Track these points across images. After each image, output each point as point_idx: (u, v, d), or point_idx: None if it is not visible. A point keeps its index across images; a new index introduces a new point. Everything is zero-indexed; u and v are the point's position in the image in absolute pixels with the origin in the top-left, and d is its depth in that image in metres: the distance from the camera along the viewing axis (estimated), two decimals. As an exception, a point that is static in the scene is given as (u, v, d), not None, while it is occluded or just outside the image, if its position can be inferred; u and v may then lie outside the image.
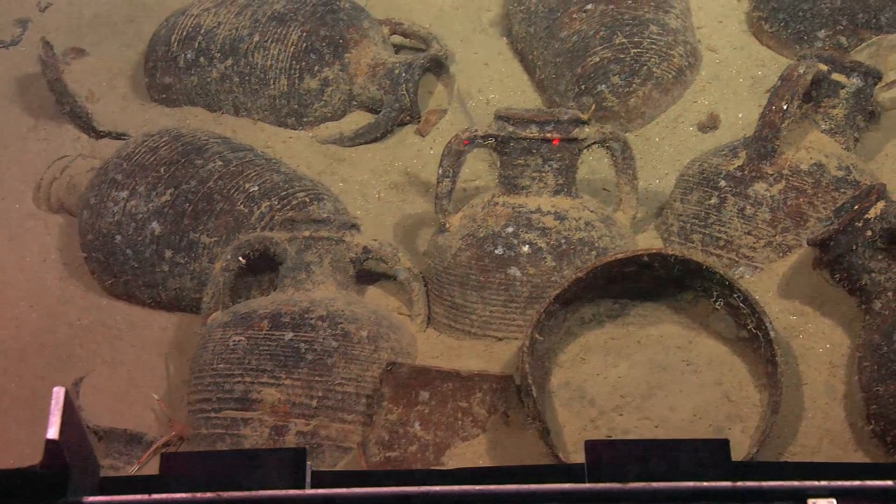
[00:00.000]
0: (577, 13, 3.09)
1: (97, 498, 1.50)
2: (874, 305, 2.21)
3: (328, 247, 2.53)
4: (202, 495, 1.49)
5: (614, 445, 1.55)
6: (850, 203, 2.27)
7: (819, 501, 1.44)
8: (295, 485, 1.52)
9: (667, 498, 1.47)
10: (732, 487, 1.46)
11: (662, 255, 2.26)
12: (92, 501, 1.49)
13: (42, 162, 3.07)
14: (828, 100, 2.58)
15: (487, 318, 2.48)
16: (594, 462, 1.50)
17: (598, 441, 1.52)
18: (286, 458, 1.54)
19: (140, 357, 2.67)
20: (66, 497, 1.47)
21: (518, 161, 2.53)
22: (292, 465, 1.53)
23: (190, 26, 3.21)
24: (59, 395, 1.47)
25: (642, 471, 1.49)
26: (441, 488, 1.49)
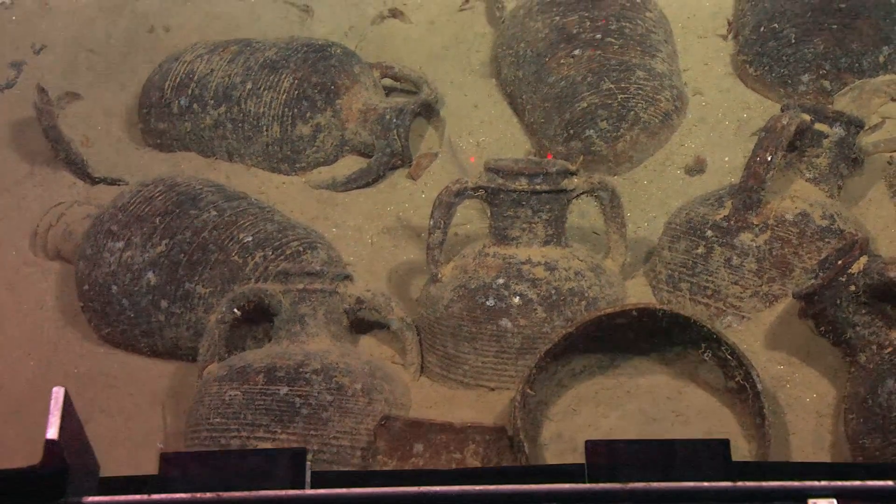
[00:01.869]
0: (564, 58, 3.11)
1: (97, 498, 1.50)
2: (859, 358, 2.24)
3: (322, 298, 2.54)
4: (202, 495, 1.49)
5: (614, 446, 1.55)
6: (834, 257, 2.30)
7: (819, 501, 1.44)
8: (295, 485, 1.52)
9: (667, 498, 1.47)
10: (733, 487, 1.46)
11: (651, 310, 2.28)
12: (92, 501, 1.49)
13: (38, 208, 3.06)
14: (811, 149, 2.60)
15: (480, 368, 2.49)
16: (594, 462, 1.51)
17: (599, 441, 1.52)
18: (286, 459, 1.55)
19: (137, 406, 2.67)
20: (65, 497, 1.47)
21: (508, 212, 2.56)
22: (292, 466, 1.53)
23: (183, 73, 3.22)
24: (58, 395, 1.48)
25: (642, 471, 1.49)
26: (441, 488, 1.50)
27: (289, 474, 1.53)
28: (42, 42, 3.66)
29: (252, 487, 1.50)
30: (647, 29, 3.18)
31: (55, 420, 1.45)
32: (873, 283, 2.19)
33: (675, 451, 1.54)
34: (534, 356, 2.32)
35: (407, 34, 3.59)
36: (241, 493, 1.50)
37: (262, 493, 1.50)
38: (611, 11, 3.18)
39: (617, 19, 3.16)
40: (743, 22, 3.26)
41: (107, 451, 2.55)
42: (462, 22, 3.60)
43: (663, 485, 1.47)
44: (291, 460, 1.55)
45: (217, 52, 3.24)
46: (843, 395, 2.26)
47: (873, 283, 2.19)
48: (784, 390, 2.33)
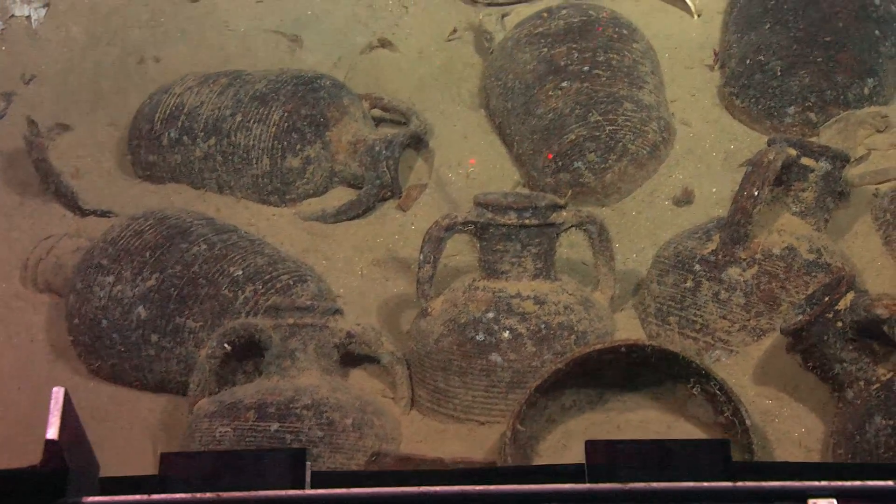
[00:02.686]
0: (552, 90, 3.12)
1: (96, 498, 1.49)
2: (846, 394, 2.25)
3: (312, 333, 2.54)
4: (202, 495, 1.48)
5: (615, 446, 1.55)
6: (821, 293, 2.31)
7: (819, 501, 1.43)
8: (295, 485, 1.51)
9: (667, 498, 1.46)
10: (733, 487, 1.46)
11: (640, 346, 2.29)
12: (91, 502, 1.48)
13: (28, 241, 3.06)
14: (798, 183, 2.62)
15: (470, 402, 2.50)
16: (595, 462, 1.50)
17: (599, 441, 1.51)
18: (286, 459, 1.54)
19: (127, 439, 2.66)
20: (65, 497, 1.46)
21: (497, 246, 2.56)
22: (292, 466, 1.53)
23: (173, 105, 3.23)
24: (58, 395, 1.47)
25: (642, 471, 1.48)
26: (441, 488, 1.49)
27: (289, 474, 1.52)
28: (32, 72, 3.66)
29: (252, 487, 1.50)
30: (634, 60, 3.19)
31: (55, 420, 1.45)
32: (860, 319, 2.20)
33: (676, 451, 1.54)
34: (524, 392, 2.32)
35: (396, 64, 3.60)
36: (241, 493, 1.49)
37: (262, 493, 1.49)
38: (598, 44, 3.19)
39: (604, 51, 3.17)
40: (729, 54, 3.29)
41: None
42: (451, 52, 3.62)
43: (663, 485, 1.46)
44: (291, 460, 1.54)
45: (207, 85, 3.25)
46: (832, 431, 2.27)
47: (860, 320, 2.20)
48: (773, 425, 2.34)
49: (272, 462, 1.55)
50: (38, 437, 2.64)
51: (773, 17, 3.20)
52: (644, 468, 1.50)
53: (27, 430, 2.68)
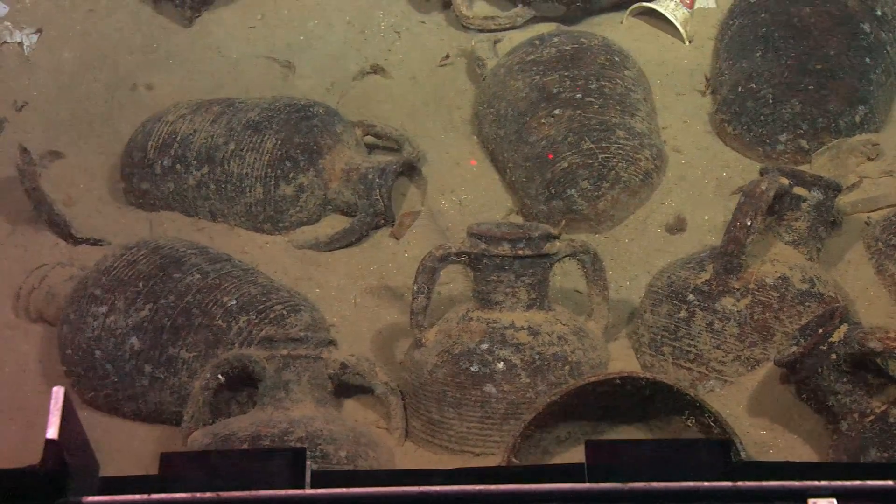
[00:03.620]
0: (545, 118, 3.13)
1: (97, 498, 1.48)
2: (841, 426, 2.25)
3: (306, 364, 2.54)
4: (202, 495, 1.47)
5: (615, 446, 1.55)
6: (815, 325, 2.31)
7: (820, 501, 1.43)
8: (295, 484, 1.50)
9: (667, 498, 1.46)
10: (733, 487, 1.45)
11: (634, 377, 2.30)
12: (91, 501, 1.47)
13: (20, 270, 3.04)
14: (790, 213, 2.63)
15: (464, 433, 2.50)
16: (595, 462, 1.49)
17: (599, 441, 1.51)
18: (286, 458, 1.53)
19: (121, 469, 2.63)
20: (65, 497, 1.45)
21: (491, 277, 2.57)
22: (292, 465, 1.52)
23: (166, 133, 3.22)
24: (58, 394, 1.46)
25: (643, 471, 1.48)
26: (441, 488, 1.48)
27: (289, 474, 1.51)
28: (23, 99, 3.65)
29: (252, 487, 1.49)
30: (626, 88, 3.20)
31: (55, 420, 1.44)
32: (854, 352, 2.21)
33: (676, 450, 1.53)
34: (518, 424, 2.33)
35: (388, 90, 3.60)
36: (240, 493, 1.48)
37: (262, 492, 1.48)
38: (590, 71, 3.20)
39: (597, 78, 3.18)
40: (721, 81, 3.30)
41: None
42: (443, 78, 3.62)
43: (663, 485, 1.46)
44: (291, 460, 1.53)
45: (200, 113, 3.25)
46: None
47: (854, 353, 2.21)
48: (767, 456, 2.34)
49: (272, 461, 1.54)
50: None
51: (765, 44, 3.22)
52: (644, 468, 1.49)
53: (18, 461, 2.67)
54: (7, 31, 3.81)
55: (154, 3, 3.90)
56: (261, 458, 1.56)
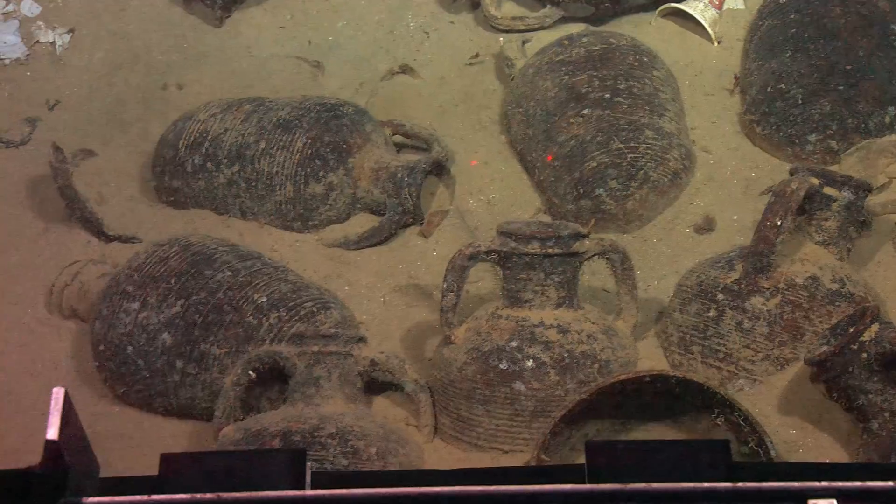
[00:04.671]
0: (574, 118, 3.14)
1: (97, 499, 1.48)
2: (871, 425, 2.25)
3: (336, 361, 2.55)
4: (202, 496, 1.47)
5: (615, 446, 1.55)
6: (845, 324, 2.31)
7: (819, 502, 1.42)
8: (295, 485, 1.50)
9: (667, 498, 1.45)
10: (733, 488, 1.45)
11: (664, 376, 2.30)
12: (92, 502, 1.47)
13: (53, 267, 3.07)
14: (820, 213, 2.62)
15: (493, 431, 2.51)
16: (595, 463, 1.49)
17: (599, 441, 1.52)
18: (286, 459, 1.53)
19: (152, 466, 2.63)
20: (65, 497, 1.45)
21: (521, 275, 2.57)
22: (293, 466, 1.52)
23: (197, 132, 3.25)
24: (58, 395, 1.46)
25: (642, 471, 1.47)
26: (441, 489, 1.48)
27: (289, 475, 1.51)
28: (56, 98, 3.68)
29: (252, 488, 1.49)
30: (655, 88, 3.21)
31: (55, 421, 1.44)
32: (885, 352, 2.21)
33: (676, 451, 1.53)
34: (548, 422, 2.33)
35: (417, 90, 3.61)
36: (241, 494, 1.48)
37: (263, 493, 1.48)
38: (619, 71, 3.21)
39: (625, 79, 3.19)
40: (750, 81, 3.29)
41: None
42: (471, 77, 3.63)
43: (663, 485, 1.45)
44: (292, 461, 1.53)
45: (231, 112, 3.27)
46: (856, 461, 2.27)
47: (885, 352, 2.21)
48: (797, 455, 2.34)
49: (272, 463, 1.54)
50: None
51: (794, 45, 3.21)
52: (644, 469, 1.49)
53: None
54: (40, 30, 3.84)
55: (185, 4, 3.92)
56: (261, 459, 1.57)
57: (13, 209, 3.32)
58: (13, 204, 3.34)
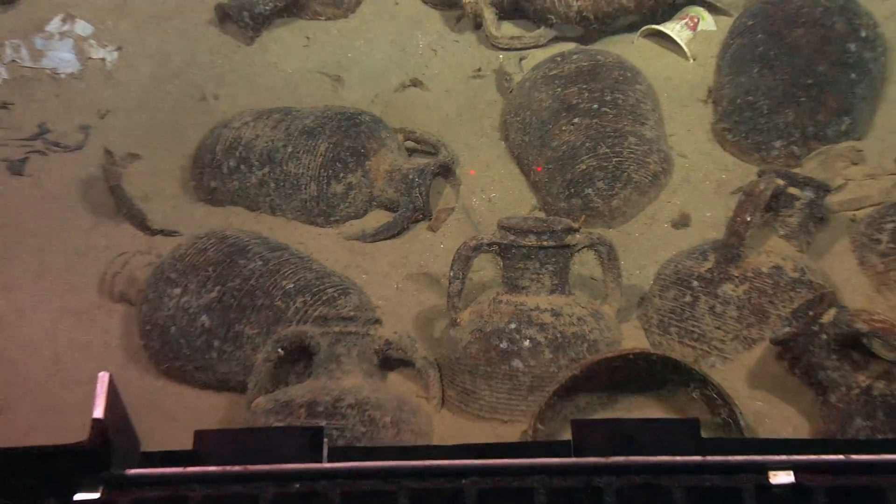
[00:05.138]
0: (566, 126, 3.13)
1: (138, 471, 1.49)
2: (829, 398, 2.25)
3: (355, 340, 2.55)
4: (231, 468, 1.48)
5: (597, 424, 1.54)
6: (806, 308, 2.31)
7: (778, 473, 1.43)
8: (313, 459, 1.50)
9: (644, 471, 1.45)
10: (702, 461, 1.45)
11: (646, 354, 2.30)
12: (134, 474, 1.48)
13: (105, 257, 3.07)
14: (784, 210, 2.63)
15: (494, 403, 2.51)
16: (579, 439, 1.49)
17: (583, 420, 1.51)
18: (306, 435, 1.53)
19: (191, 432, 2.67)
20: (110, 470, 1.46)
21: (519, 265, 2.57)
22: (311, 441, 1.52)
23: (232, 138, 3.25)
24: (104, 379, 1.48)
25: (622, 446, 1.47)
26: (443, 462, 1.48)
27: (308, 449, 1.51)
28: (106, 108, 3.68)
29: (275, 461, 1.50)
30: (637, 100, 3.20)
31: (101, 401, 1.45)
32: (842, 332, 2.20)
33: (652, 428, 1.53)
34: (543, 395, 2.33)
35: (426, 101, 3.61)
36: (265, 466, 1.49)
37: (285, 465, 1.49)
38: (605, 84, 3.20)
39: (611, 91, 3.18)
40: (721, 94, 3.29)
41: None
42: (474, 90, 3.63)
43: (641, 459, 1.46)
44: (311, 436, 1.53)
45: (262, 120, 3.27)
46: (816, 431, 2.27)
47: (842, 333, 2.20)
48: (763, 425, 2.33)
49: (293, 438, 1.54)
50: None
51: (761, 61, 3.21)
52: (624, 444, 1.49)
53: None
54: (92, 48, 3.85)
55: (220, 25, 3.93)
56: (283, 435, 1.56)
57: (69, 206, 3.32)
58: (69, 201, 3.34)
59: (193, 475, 1.49)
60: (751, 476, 1.44)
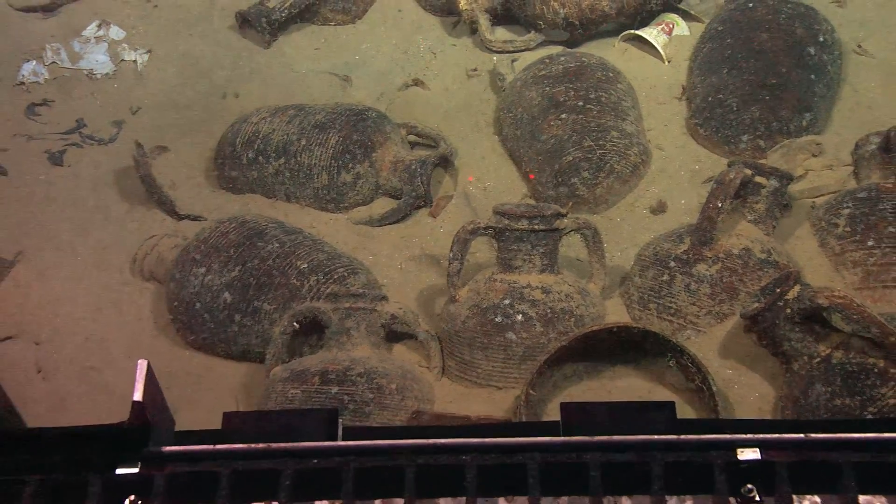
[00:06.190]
0: (554, 121, 3.09)
1: (173, 448, 1.49)
2: (793, 366, 2.22)
3: (364, 315, 2.53)
4: (256, 446, 1.48)
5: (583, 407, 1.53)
6: (773, 285, 2.28)
7: (745, 451, 1.42)
8: (329, 438, 1.50)
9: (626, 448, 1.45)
10: (677, 440, 1.44)
11: (627, 327, 2.27)
12: (169, 451, 1.48)
13: (136, 240, 3.04)
14: (752, 197, 2.59)
15: (490, 371, 2.48)
16: (568, 420, 1.49)
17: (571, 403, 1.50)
18: (323, 416, 1.52)
19: (216, 399, 2.65)
20: (148, 447, 1.46)
21: (512, 247, 2.54)
22: (328, 422, 1.52)
23: (251, 132, 3.21)
24: (142, 366, 1.48)
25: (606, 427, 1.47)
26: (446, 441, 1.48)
27: (325, 429, 1.51)
28: (137, 105, 3.64)
29: (295, 439, 1.49)
30: (618, 98, 3.16)
31: (140, 386, 1.46)
32: (805, 307, 2.18)
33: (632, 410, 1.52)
34: (534, 364, 2.31)
35: (427, 99, 3.57)
36: (286, 445, 1.48)
37: (304, 444, 1.48)
38: (590, 84, 3.16)
39: (595, 90, 3.14)
40: (694, 93, 3.25)
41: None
42: (471, 89, 3.59)
43: (622, 437, 1.45)
44: (327, 418, 1.53)
45: (277, 115, 3.23)
46: (781, 396, 2.25)
47: (805, 308, 2.18)
48: (733, 391, 2.31)
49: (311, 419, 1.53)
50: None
51: (730, 63, 3.16)
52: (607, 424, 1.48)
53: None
54: (124, 51, 3.80)
55: (240, 30, 3.88)
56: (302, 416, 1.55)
57: (104, 194, 3.29)
58: (104, 189, 3.31)
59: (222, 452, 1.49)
60: (721, 453, 1.44)
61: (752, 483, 1.40)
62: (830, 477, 1.41)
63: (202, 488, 1.47)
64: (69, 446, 1.46)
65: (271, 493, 1.45)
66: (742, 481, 1.41)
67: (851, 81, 3.24)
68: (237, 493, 1.46)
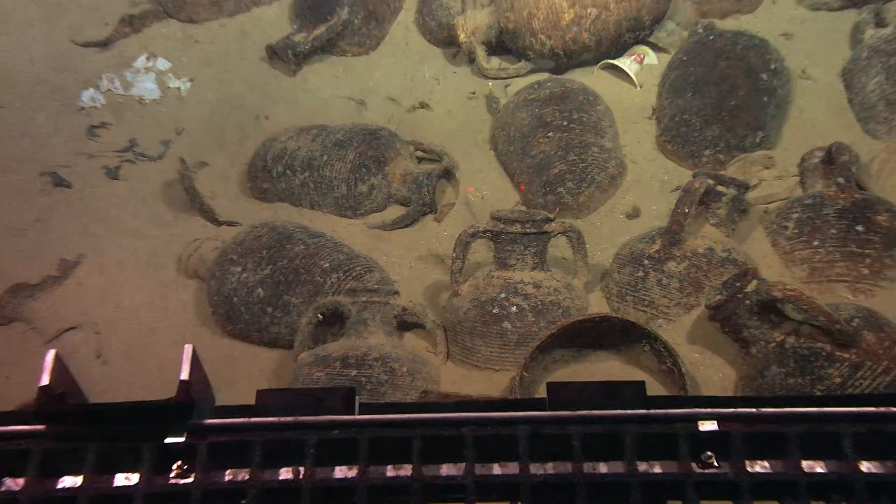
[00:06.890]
0: (542, 138, 3.08)
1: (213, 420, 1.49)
2: (751, 350, 2.21)
3: (379, 308, 2.51)
4: (284, 419, 1.48)
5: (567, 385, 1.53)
6: (733, 280, 2.27)
7: (705, 423, 1.43)
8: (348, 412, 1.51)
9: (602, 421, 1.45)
10: (647, 414, 1.45)
11: (608, 317, 2.26)
12: (209, 423, 1.48)
13: (181, 243, 3.04)
14: (714, 203, 2.58)
15: (488, 356, 2.47)
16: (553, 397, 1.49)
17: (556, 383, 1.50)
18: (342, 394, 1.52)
19: (251, 380, 2.64)
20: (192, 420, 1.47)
21: (507, 247, 2.53)
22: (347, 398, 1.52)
23: (279, 149, 3.20)
24: (188, 350, 1.48)
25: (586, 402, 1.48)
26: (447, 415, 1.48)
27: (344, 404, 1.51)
28: (182, 126, 3.63)
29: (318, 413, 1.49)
30: (598, 118, 3.15)
31: (186, 367, 1.46)
32: (762, 299, 2.17)
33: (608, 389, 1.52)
34: (527, 349, 2.29)
35: (432, 119, 3.56)
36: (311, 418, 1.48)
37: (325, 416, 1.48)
38: (573, 106, 3.15)
39: (577, 111, 3.13)
40: (663, 113, 3.23)
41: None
42: (470, 111, 3.57)
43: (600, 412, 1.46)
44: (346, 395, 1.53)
45: (303, 134, 3.22)
46: (740, 376, 2.24)
47: (762, 299, 2.17)
48: (699, 372, 2.30)
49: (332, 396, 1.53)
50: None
51: (694, 88, 3.15)
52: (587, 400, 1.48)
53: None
54: (170, 79, 3.78)
55: (269, 61, 3.86)
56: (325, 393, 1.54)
57: (154, 203, 3.27)
58: (154, 200, 3.29)
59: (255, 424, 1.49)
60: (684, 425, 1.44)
61: (712, 451, 1.41)
62: (778, 445, 1.41)
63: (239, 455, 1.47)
64: (125, 419, 1.46)
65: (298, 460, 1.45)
66: (702, 449, 1.42)
67: (798, 103, 3.23)
68: (268, 460, 1.46)
